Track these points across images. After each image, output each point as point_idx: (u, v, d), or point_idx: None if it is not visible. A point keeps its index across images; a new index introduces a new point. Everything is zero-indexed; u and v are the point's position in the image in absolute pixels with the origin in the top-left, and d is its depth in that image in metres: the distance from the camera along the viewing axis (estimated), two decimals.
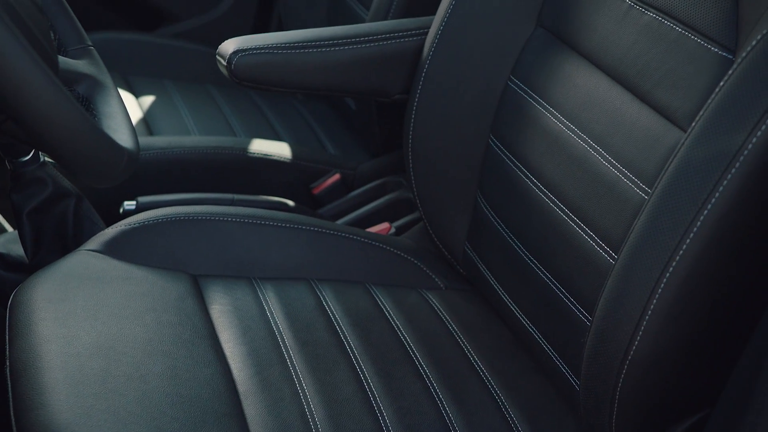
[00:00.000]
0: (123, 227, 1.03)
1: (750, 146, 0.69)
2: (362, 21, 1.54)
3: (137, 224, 1.04)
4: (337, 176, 1.46)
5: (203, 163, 1.37)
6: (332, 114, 1.69)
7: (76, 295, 0.91)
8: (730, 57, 0.78)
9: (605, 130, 0.91)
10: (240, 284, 1.04)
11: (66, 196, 1.06)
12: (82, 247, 1.00)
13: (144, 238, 1.03)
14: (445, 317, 1.07)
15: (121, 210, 1.29)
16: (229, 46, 1.11)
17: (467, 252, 1.14)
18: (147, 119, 1.50)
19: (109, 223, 1.08)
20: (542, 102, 1.01)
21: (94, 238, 1.02)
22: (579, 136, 0.94)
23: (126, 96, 1.55)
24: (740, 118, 0.70)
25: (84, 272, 0.95)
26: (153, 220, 1.05)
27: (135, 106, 1.53)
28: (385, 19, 1.38)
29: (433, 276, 1.15)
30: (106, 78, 0.98)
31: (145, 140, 1.36)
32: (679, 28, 0.85)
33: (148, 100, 1.56)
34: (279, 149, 1.44)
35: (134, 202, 1.29)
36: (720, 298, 0.77)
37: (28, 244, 1.05)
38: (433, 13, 1.15)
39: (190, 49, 1.73)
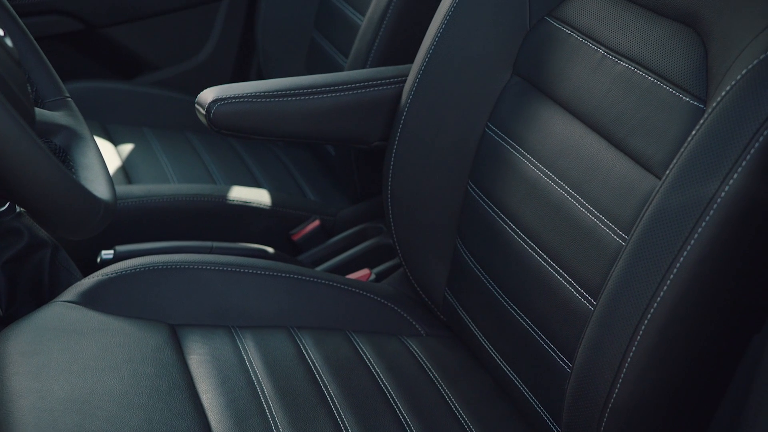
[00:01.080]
0: (100, 277, 1.03)
1: (723, 194, 0.70)
2: (341, 69, 1.55)
3: (114, 274, 1.03)
4: (316, 222, 1.46)
5: (182, 211, 1.37)
6: (312, 160, 1.69)
7: (50, 348, 0.90)
8: (702, 106, 0.80)
9: (582, 177, 0.92)
10: (219, 333, 1.03)
11: (42, 246, 1.05)
12: (57, 299, 0.99)
13: (121, 288, 1.02)
14: (426, 364, 1.06)
15: (98, 259, 1.28)
16: (207, 95, 1.11)
17: (447, 298, 1.14)
18: (126, 167, 1.50)
19: (86, 273, 1.07)
20: (519, 149, 1.02)
21: (70, 288, 1.01)
22: (556, 183, 0.95)
23: (105, 144, 1.55)
24: (713, 167, 0.71)
25: (59, 324, 0.94)
26: (131, 270, 1.04)
27: (114, 155, 1.53)
28: (364, 67, 1.39)
29: (414, 322, 1.15)
30: (84, 129, 0.98)
31: (123, 189, 1.36)
32: (652, 77, 0.86)
33: (127, 148, 1.56)
34: (258, 196, 1.44)
35: (112, 252, 1.28)
36: (699, 344, 0.77)
37: (3, 295, 1.04)
38: (411, 61, 1.17)
39: (169, 97, 1.73)
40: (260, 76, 1.90)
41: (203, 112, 1.11)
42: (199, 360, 0.98)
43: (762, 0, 0.75)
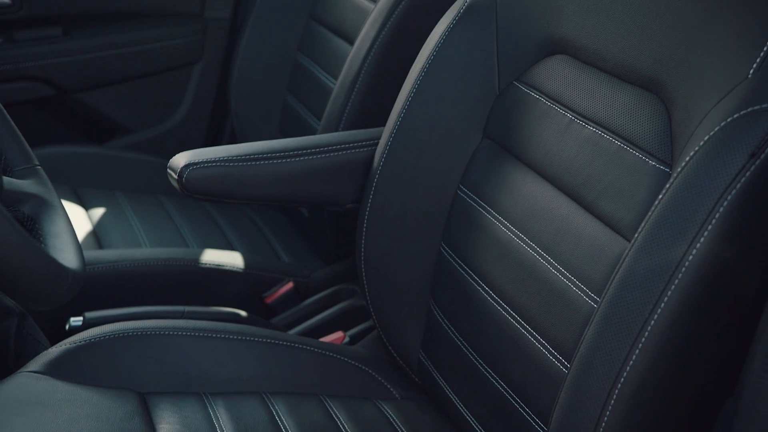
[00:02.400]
0: (68, 346, 1.01)
1: (691, 258, 0.71)
2: (314, 131, 1.57)
3: (83, 342, 1.01)
4: (290, 284, 1.45)
5: (154, 275, 1.35)
6: (285, 221, 1.69)
7: (13, 422, 0.88)
8: (667, 170, 0.81)
9: (553, 239, 0.92)
10: (189, 401, 1.01)
11: (8, 314, 1.04)
12: (23, 369, 0.97)
13: (90, 356, 1.01)
14: (401, 429, 1.05)
15: (67, 326, 1.25)
16: (180, 159, 1.11)
17: (422, 360, 1.13)
18: (97, 232, 1.48)
19: (54, 341, 1.05)
20: (491, 211, 1.03)
21: (36, 358, 0.99)
22: (528, 245, 0.96)
23: (75, 209, 1.54)
24: (680, 231, 0.72)
25: (24, 396, 0.92)
26: (100, 337, 1.03)
27: (85, 219, 1.51)
28: (336, 129, 1.40)
29: (388, 386, 1.14)
30: (53, 197, 0.97)
31: (93, 254, 1.34)
32: (619, 141, 0.88)
33: (99, 212, 1.55)
34: (231, 259, 1.44)
35: (81, 318, 1.26)
36: (673, 408, 0.77)
37: None
38: (383, 124, 1.18)
39: (141, 160, 1.73)
40: (233, 139, 1.91)
41: (175, 176, 1.10)
42: (170, 429, 0.95)
43: (721, 68, 0.77)
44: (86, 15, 1.78)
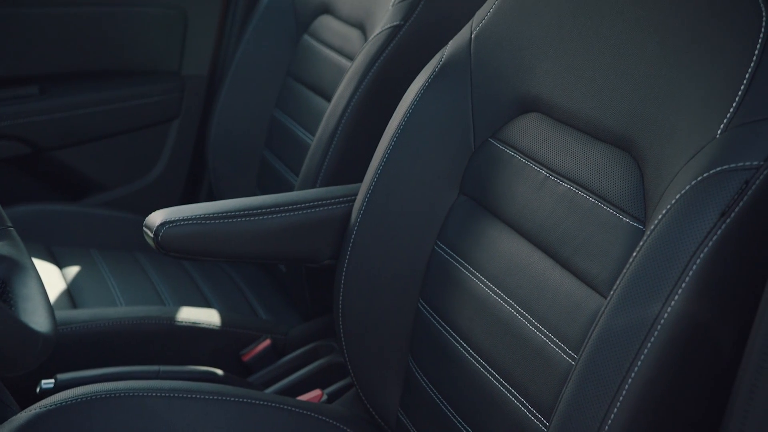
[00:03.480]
0: (38, 410, 0.98)
1: (666, 315, 0.71)
2: (292, 187, 1.57)
3: (53, 406, 0.99)
4: (267, 342, 1.44)
5: (128, 334, 1.33)
6: (263, 277, 1.68)
7: None
8: (641, 227, 0.82)
9: (530, 295, 0.92)
10: None
11: None
12: None
13: (61, 420, 0.98)
14: None
15: (38, 389, 1.22)
16: (156, 217, 1.11)
17: (401, 418, 1.12)
18: (71, 291, 1.46)
19: (24, 405, 1.02)
20: (468, 267, 1.03)
21: (5, 424, 0.97)
22: (505, 301, 0.95)
23: (50, 268, 1.52)
24: (654, 289, 0.73)
25: None
26: (71, 400, 1.00)
27: (59, 278, 1.49)
28: (314, 185, 1.41)
29: None
30: (25, 259, 0.96)
31: (66, 314, 1.32)
32: (593, 198, 0.88)
33: (73, 270, 1.53)
34: (208, 317, 1.42)
35: (52, 381, 1.23)
36: None
37: None
38: (360, 180, 1.18)
39: (117, 217, 1.72)
40: (211, 195, 1.91)
41: (151, 235, 1.10)
42: None
43: (690, 128, 0.78)
44: (63, 73, 1.78)
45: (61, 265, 1.54)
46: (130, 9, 1.79)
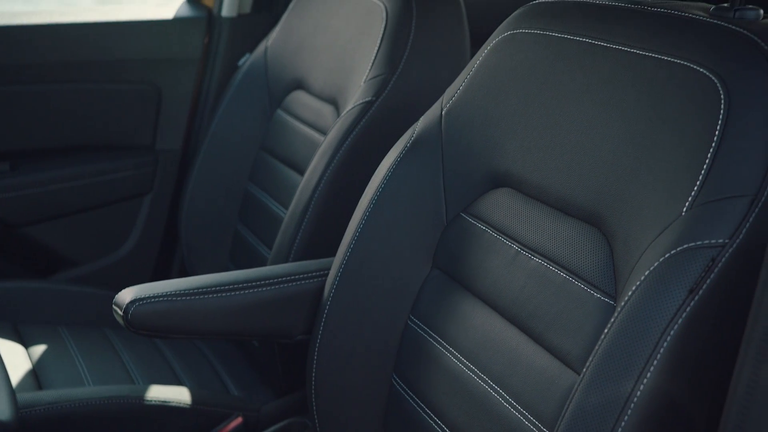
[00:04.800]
0: None
1: (639, 393, 0.71)
2: (265, 261, 1.56)
3: None
4: (239, 420, 1.41)
5: (96, 415, 1.30)
6: (235, 352, 1.65)
7: None
8: (612, 303, 0.82)
9: (504, 371, 0.92)
10: None
11: None
12: None
13: None
14: None
15: None
16: (125, 295, 1.09)
17: None
18: (37, 371, 1.43)
19: None
20: (442, 342, 1.02)
21: None
22: (479, 377, 0.95)
23: (15, 348, 1.48)
24: (626, 366, 0.73)
25: None
26: None
27: (24, 358, 1.45)
28: (287, 259, 1.40)
29: None
30: None
31: (30, 396, 1.28)
32: (564, 273, 0.89)
33: (40, 349, 1.49)
34: (178, 394, 1.39)
35: None
36: None
37: None
38: (333, 254, 1.18)
39: (87, 293, 1.69)
40: (183, 270, 1.89)
41: (121, 313, 1.08)
42: None
43: (657, 204, 0.80)
44: (36, 149, 1.78)
45: (27, 344, 1.51)
46: (104, 86, 1.81)
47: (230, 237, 1.73)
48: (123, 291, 1.11)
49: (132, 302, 1.08)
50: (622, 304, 0.76)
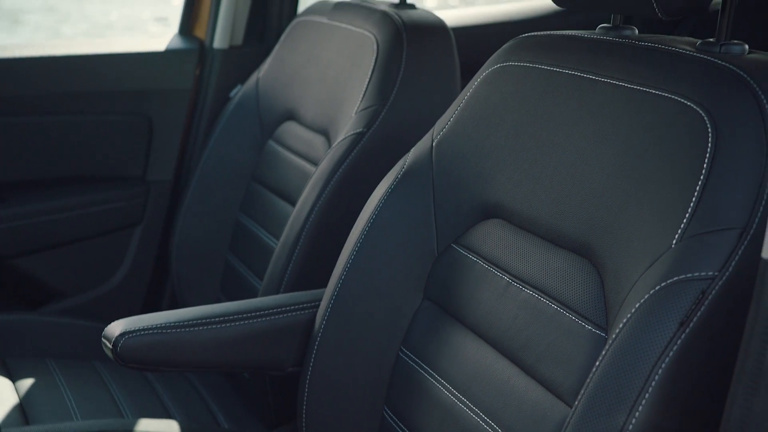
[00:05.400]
0: None
1: (631, 427, 0.71)
2: (256, 291, 1.55)
3: None
4: None
5: None
6: (225, 384, 1.64)
7: None
8: (603, 335, 0.82)
9: (495, 403, 0.91)
10: None
11: None
12: None
13: None
14: None
15: None
16: (115, 328, 1.09)
17: None
18: (24, 406, 1.41)
19: None
20: (433, 374, 1.02)
21: None
22: (471, 409, 0.94)
23: (1, 382, 1.47)
24: (618, 399, 0.72)
25: None
26: None
27: (11, 393, 1.44)
28: (278, 290, 1.40)
29: None
30: None
31: None
32: (555, 305, 0.89)
33: (27, 383, 1.47)
34: (167, 428, 1.37)
35: None
36: None
37: None
38: (324, 285, 1.18)
39: (76, 325, 1.68)
40: (174, 300, 1.88)
41: (110, 346, 1.07)
42: None
43: (647, 237, 0.80)
44: (26, 180, 1.77)
45: (14, 377, 1.49)
46: (95, 117, 1.81)
47: (221, 268, 1.72)
48: (112, 324, 1.10)
49: (121, 335, 1.07)
50: (613, 336, 0.76)
